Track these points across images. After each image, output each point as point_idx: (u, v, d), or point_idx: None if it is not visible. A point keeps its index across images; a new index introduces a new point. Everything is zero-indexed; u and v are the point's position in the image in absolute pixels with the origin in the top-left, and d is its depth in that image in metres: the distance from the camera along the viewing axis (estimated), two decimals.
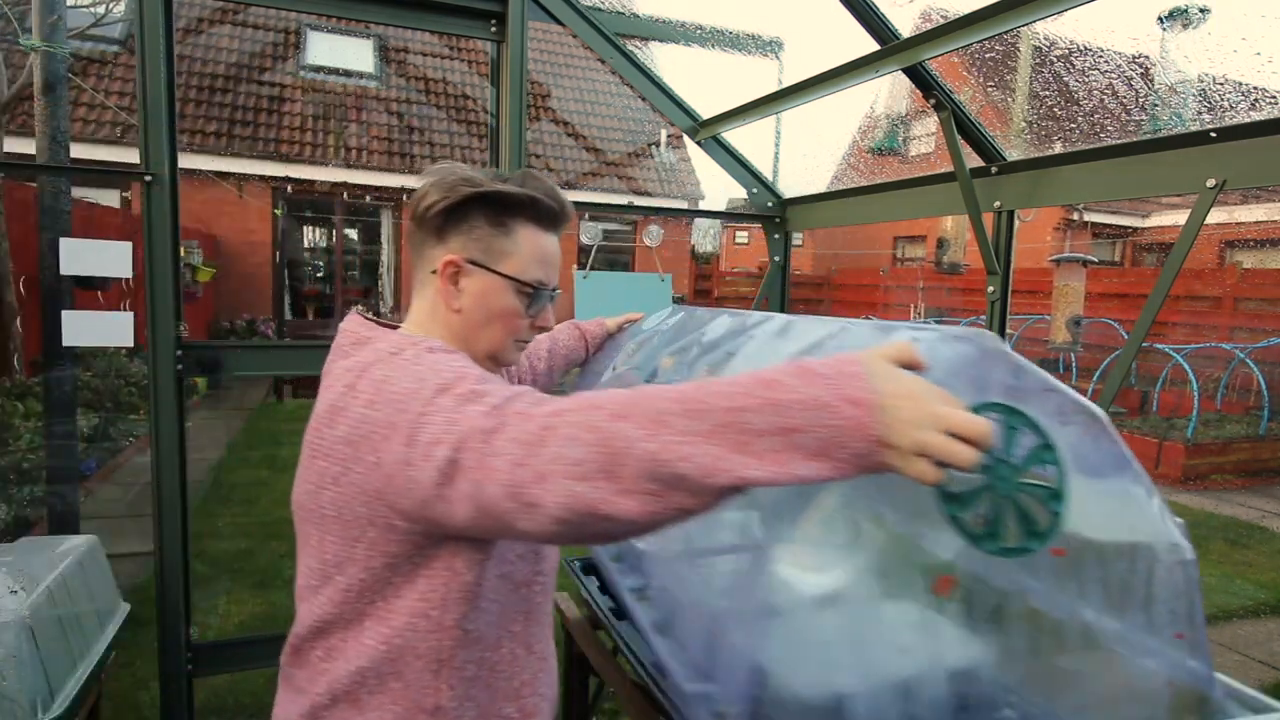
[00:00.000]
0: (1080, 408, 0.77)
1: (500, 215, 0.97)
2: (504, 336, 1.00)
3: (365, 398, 0.84)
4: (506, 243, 0.97)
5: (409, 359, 0.86)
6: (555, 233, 1.03)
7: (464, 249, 0.97)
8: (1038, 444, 0.74)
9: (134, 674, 2.81)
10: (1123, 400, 8.67)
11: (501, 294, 0.98)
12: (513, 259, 0.98)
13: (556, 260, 1.03)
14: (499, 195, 0.96)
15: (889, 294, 13.44)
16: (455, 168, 0.98)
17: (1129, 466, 0.79)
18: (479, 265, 0.97)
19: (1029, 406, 0.75)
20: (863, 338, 1.01)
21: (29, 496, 4.06)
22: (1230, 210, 10.87)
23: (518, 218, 0.98)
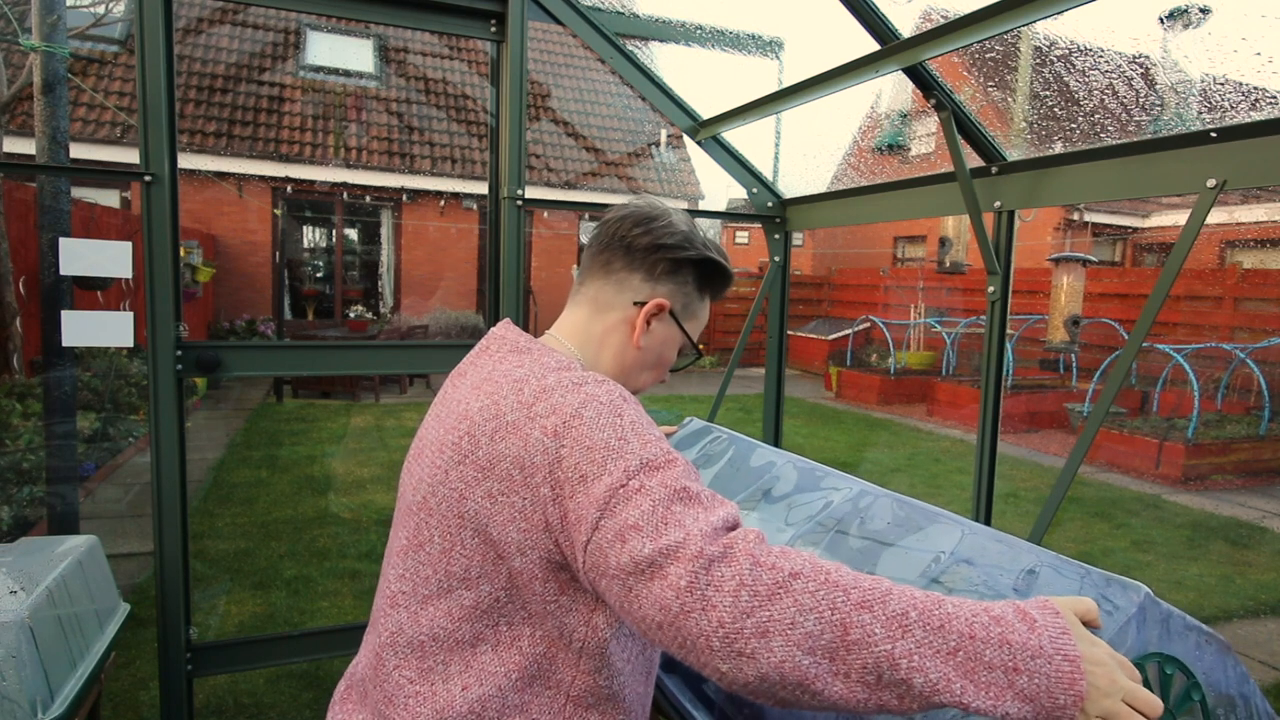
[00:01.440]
0: (1210, 638, 0.94)
1: (707, 282, 1.05)
2: (653, 381, 1.08)
3: (548, 426, 0.79)
4: (699, 307, 1.06)
5: (603, 402, 0.81)
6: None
7: (672, 297, 1.02)
8: (1187, 684, 0.90)
9: (134, 674, 2.81)
10: (1123, 400, 8.68)
11: (674, 346, 1.06)
12: (697, 322, 1.07)
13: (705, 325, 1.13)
14: (722, 270, 1.05)
15: (889, 294, 13.45)
16: (680, 213, 1.04)
17: (1247, 680, 0.98)
18: (676, 318, 1.03)
19: (1176, 648, 0.90)
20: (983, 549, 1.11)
21: (29, 496, 4.07)
22: (1230, 210, 10.87)
23: (714, 289, 1.07)
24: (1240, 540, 5.20)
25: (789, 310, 2.75)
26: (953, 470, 6.77)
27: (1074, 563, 1.01)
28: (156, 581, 1.84)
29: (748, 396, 9.89)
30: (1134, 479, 6.80)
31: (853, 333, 12.52)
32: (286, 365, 2.08)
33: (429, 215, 12.02)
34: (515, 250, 2.06)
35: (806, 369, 13.41)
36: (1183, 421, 7.32)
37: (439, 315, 11.38)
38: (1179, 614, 0.92)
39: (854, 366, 11.71)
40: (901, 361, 11.25)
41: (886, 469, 6.81)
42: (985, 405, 1.89)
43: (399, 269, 12.11)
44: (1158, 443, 6.89)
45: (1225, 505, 6.06)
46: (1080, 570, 0.99)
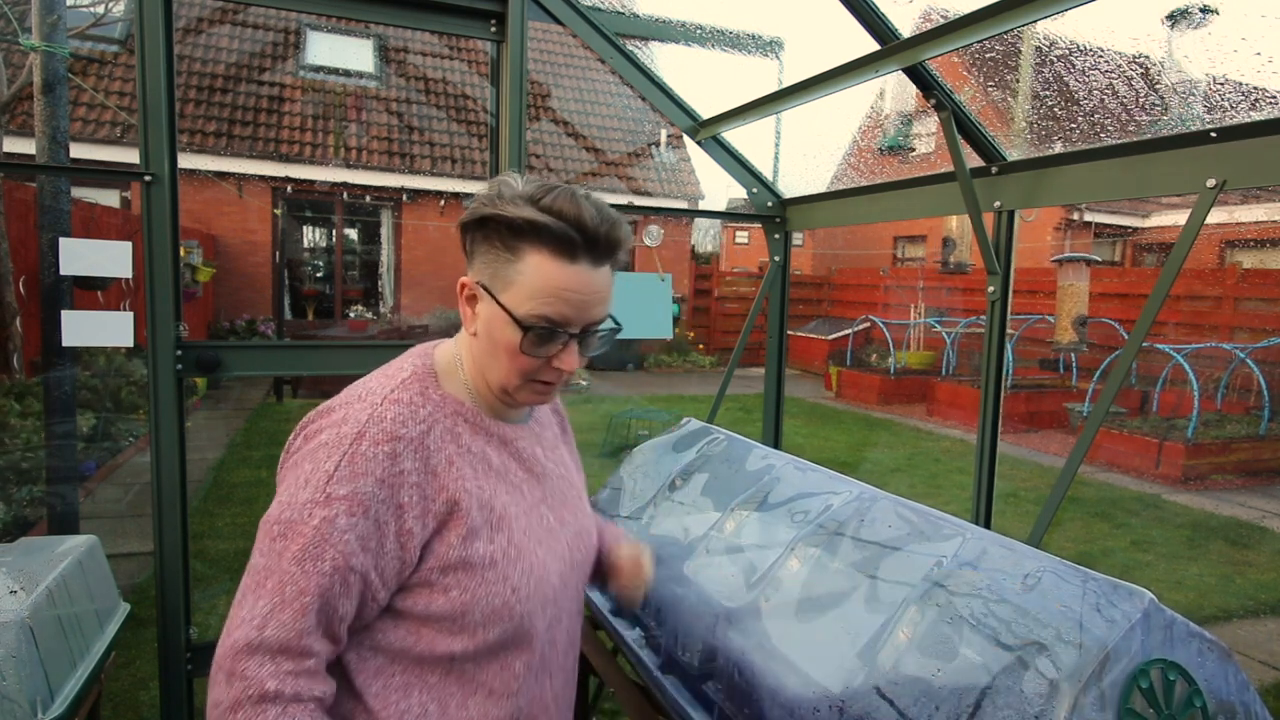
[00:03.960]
0: (1212, 644, 0.96)
1: (509, 238, 0.89)
2: (512, 374, 0.93)
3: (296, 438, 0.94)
4: (512, 270, 0.90)
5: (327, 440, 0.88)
6: (580, 263, 0.90)
7: (480, 271, 0.93)
8: (1189, 691, 0.92)
9: (134, 674, 2.81)
10: (1123, 400, 8.68)
11: (503, 326, 0.91)
12: (514, 289, 0.90)
13: (577, 295, 0.90)
14: (498, 218, 0.89)
15: (889, 294, 13.45)
16: (506, 180, 0.92)
17: (1248, 688, 0.99)
18: (486, 291, 0.92)
19: (1179, 654, 0.92)
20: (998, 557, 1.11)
21: (29, 496, 4.06)
22: (1230, 210, 10.87)
23: (525, 243, 0.89)
24: (1240, 540, 5.20)
25: (789, 310, 2.75)
26: (953, 470, 6.77)
27: (1076, 567, 1.01)
28: (156, 581, 1.84)
29: (748, 396, 9.89)
30: (1134, 479, 6.80)
31: (853, 333, 12.52)
32: (286, 365, 2.08)
33: (429, 215, 12.02)
34: None
35: (806, 369, 13.41)
36: (1183, 421, 7.31)
37: (439, 315, 11.38)
38: (1182, 620, 0.93)
39: (854, 366, 11.71)
40: (901, 361, 11.25)
41: (886, 469, 6.81)
42: (985, 405, 1.89)
43: (399, 269, 12.11)
44: (1158, 443, 6.89)
45: (1225, 505, 6.06)
46: (1082, 575, 0.98)
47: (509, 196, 0.89)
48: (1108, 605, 0.92)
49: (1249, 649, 3.62)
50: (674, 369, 12.67)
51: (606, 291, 0.93)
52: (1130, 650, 0.87)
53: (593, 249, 0.90)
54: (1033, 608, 0.96)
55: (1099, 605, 0.92)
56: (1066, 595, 0.96)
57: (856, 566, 1.20)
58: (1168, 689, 0.90)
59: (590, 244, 0.89)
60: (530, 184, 0.91)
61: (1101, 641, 0.88)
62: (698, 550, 1.48)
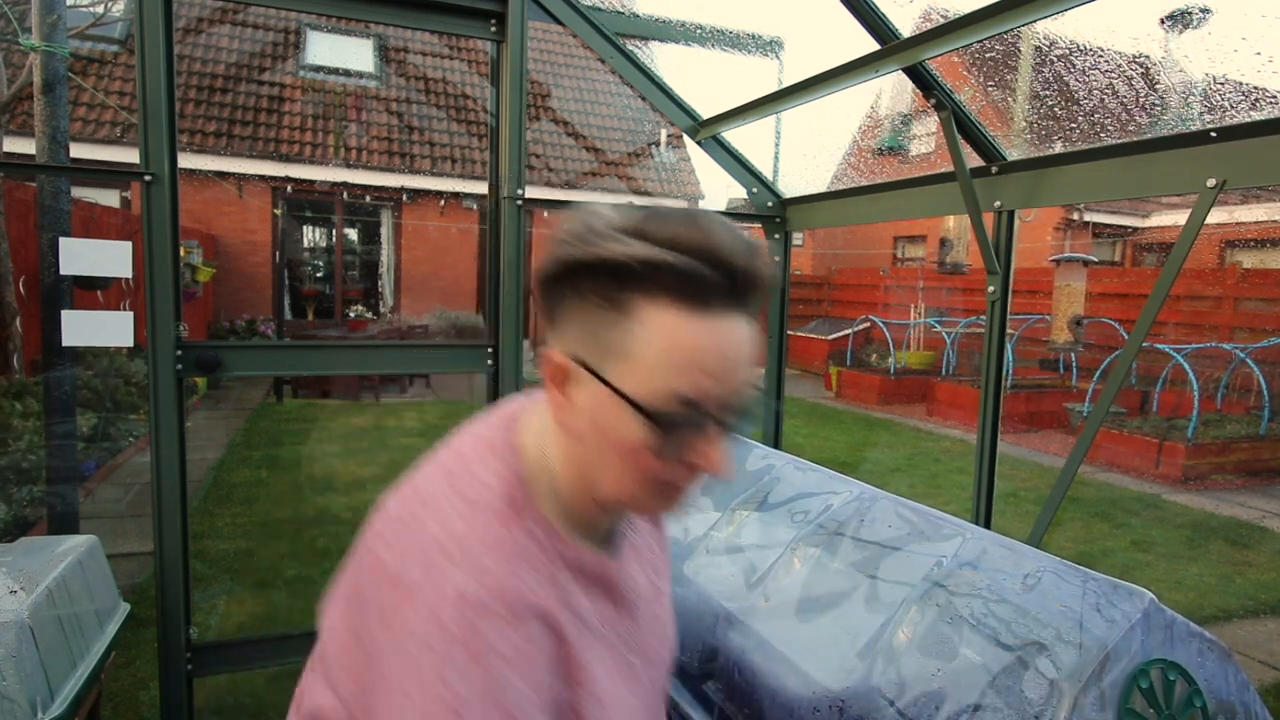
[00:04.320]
0: (1212, 644, 0.96)
1: (613, 289, 0.62)
2: (634, 484, 0.65)
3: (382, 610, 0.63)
4: (623, 335, 0.62)
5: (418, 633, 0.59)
6: (717, 312, 0.62)
7: (574, 341, 0.65)
8: (1189, 691, 0.92)
9: (134, 674, 2.80)
10: (1123, 400, 8.68)
11: (617, 416, 0.63)
12: (630, 364, 0.62)
13: (720, 361, 0.62)
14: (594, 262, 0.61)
15: (889, 294, 13.45)
16: (592, 210, 0.64)
17: (1248, 688, 0.99)
18: (586, 368, 0.64)
19: (1179, 654, 0.92)
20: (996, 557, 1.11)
21: (29, 496, 4.07)
22: (1230, 210, 10.87)
23: (637, 293, 0.61)
24: (1240, 540, 5.20)
25: (789, 310, 2.75)
26: (953, 470, 6.77)
27: (1076, 568, 1.01)
28: (156, 581, 1.84)
29: None
30: (1134, 479, 6.80)
31: (853, 333, 12.52)
32: (286, 365, 2.08)
33: (429, 215, 12.02)
34: (515, 250, 2.06)
35: (806, 369, 13.41)
36: (1183, 421, 7.31)
37: (439, 315, 11.38)
38: (1182, 620, 0.93)
39: (854, 366, 11.71)
40: (901, 361, 11.25)
41: (886, 469, 6.81)
42: (985, 405, 1.89)
43: (399, 269, 12.11)
44: (1158, 443, 6.89)
45: (1225, 505, 6.06)
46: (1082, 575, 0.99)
47: (603, 230, 0.62)
48: (1108, 605, 0.92)
49: (1249, 649, 3.62)
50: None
51: (751, 349, 0.65)
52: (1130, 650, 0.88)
53: (733, 289, 0.62)
54: (1033, 608, 0.96)
55: (1099, 605, 0.92)
56: (1066, 595, 0.96)
57: (856, 566, 1.20)
58: (1168, 689, 0.90)
59: (729, 282, 0.61)
60: (624, 211, 0.64)
61: (1101, 641, 0.88)
62: (697, 550, 1.48)
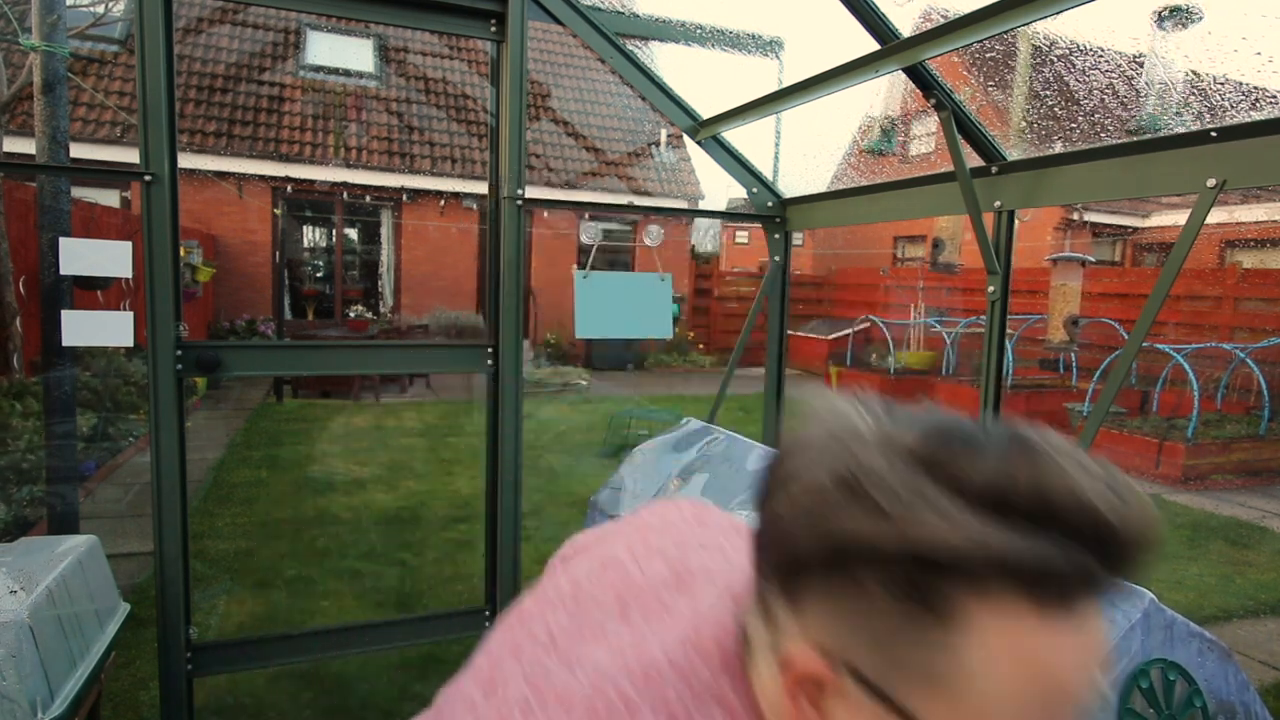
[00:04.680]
0: (1212, 644, 0.96)
1: (925, 580, 0.40)
2: None
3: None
4: (940, 652, 0.40)
5: None
6: (1085, 611, 0.41)
7: (842, 639, 0.43)
8: (1189, 690, 0.92)
9: (134, 674, 2.80)
10: (1123, 400, 8.68)
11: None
12: (958, 697, 0.40)
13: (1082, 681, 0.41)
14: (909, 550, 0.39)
15: (889, 294, 13.45)
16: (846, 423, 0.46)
17: (1248, 688, 1.00)
18: (872, 690, 0.42)
19: (1179, 654, 0.93)
20: None
21: (29, 496, 4.07)
22: (1230, 210, 10.87)
23: (968, 591, 0.40)
24: (1240, 540, 5.20)
25: (789, 310, 2.75)
26: None
27: None
28: (156, 581, 1.84)
29: (748, 396, 9.89)
30: (1134, 479, 6.77)
31: (853, 333, 12.52)
32: (286, 365, 2.08)
33: (429, 215, 12.02)
34: (515, 250, 2.06)
35: (806, 369, 13.41)
36: (1183, 421, 7.31)
37: (439, 315, 11.38)
38: (1182, 620, 0.93)
39: (854, 366, 11.71)
40: (901, 361, 11.25)
41: None
42: (985, 405, 1.89)
43: (399, 269, 12.11)
44: (1158, 443, 6.89)
45: (1225, 505, 6.06)
46: None
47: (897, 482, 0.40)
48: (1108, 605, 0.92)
49: (1249, 649, 3.62)
50: (674, 369, 12.67)
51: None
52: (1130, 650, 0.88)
53: (1110, 567, 0.40)
54: None
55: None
56: None
57: None
58: (1168, 689, 0.90)
59: (1109, 560, 0.40)
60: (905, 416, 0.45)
61: None
62: None
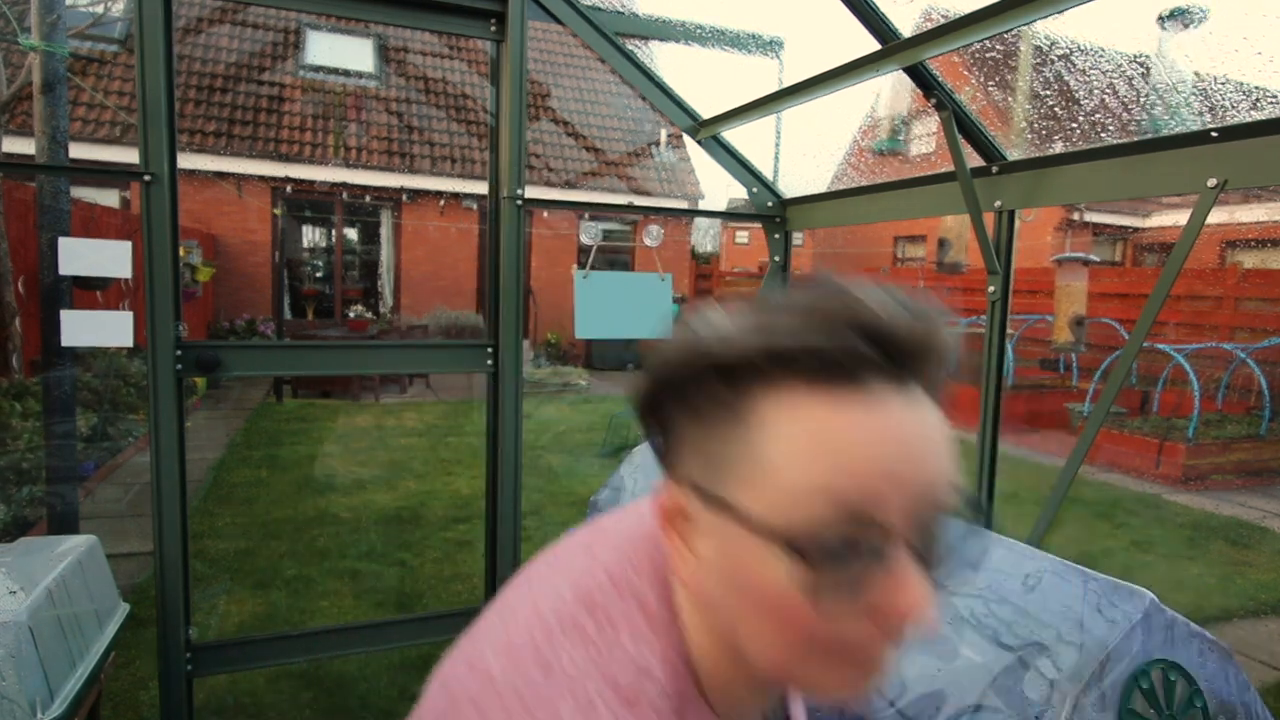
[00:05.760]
0: (1213, 645, 0.96)
1: (729, 396, 0.46)
2: (788, 649, 0.45)
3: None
4: (745, 450, 0.45)
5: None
6: (876, 389, 0.45)
7: (689, 468, 0.49)
8: (1190, 691, 0.92)
9: (134, 674, 2.80)
10: (1124, 400, 8.67)
11: (755, 557, 0.45)
12: (761, 478, 0.45)
13: (888, 449, 0.44)
14: (702, 369, 0.47)
15: None
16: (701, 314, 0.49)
17: (1248, 688, 1.00)
18: (707, 496, 0.47)
19: (1180, 655, 0.92)
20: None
21: (29, 496, 4.07)
22: (1230, 210, 10.87)
23: (755, 387, 0.45)
24: (1240, 540, 5.20)
25: None
26: None
27: (1077, 568, 1.01)
28: (156, 581, 1.84)
29: None
30: (1134, 479, 6.80)
31: None
32: (286, 365, 2.08)
33: (429, 215, 12.02)
34: (515, 250, 2.06)
35: None
36: (1183, 421, 7.31)
37: (439, 315, 11.38)
38: (1183, 621, 0.93)
39: None
40: None
41: None
42: (985, 405, 1.89)
43: (399, 269, 12.11)
44: (1158, 443, 6.89)
45: (1225, 505, 6.06)
46: (1083, 576, 0.99)
47: (717, 331, 0.47)
48: (1108, 605, 0.92)
49: (1250, 649, 3.61)
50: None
51: (944, 439, 0.47)
52: (1131, 651, 0.88)
53: (895, 361, 0.45)
54: (1033, 608, 0.96)
55: (1100, 605, 0.92)
56: (1067, 595, 0.96)
57: None
58: (1169, 689, 0.90)
59: (886, 349, 0.45)
60: (740, 302, 0.49)
61: (1102, 642, 0.88)
62: None
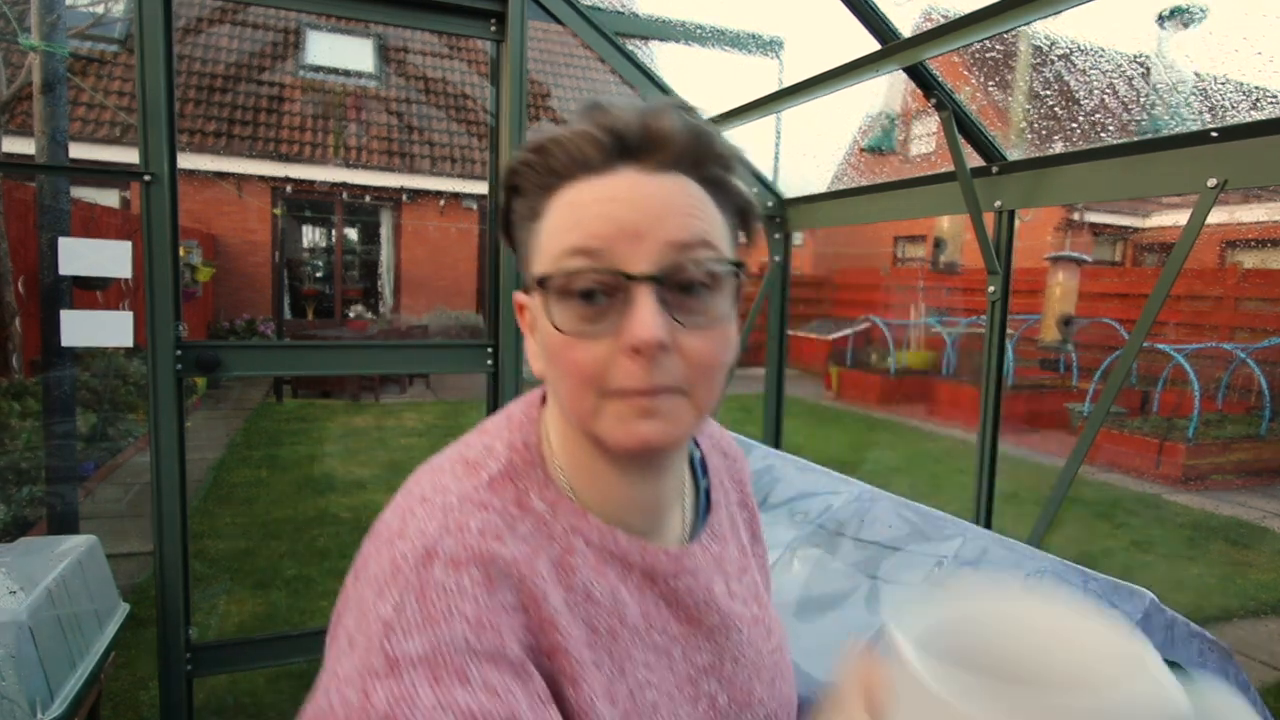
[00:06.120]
0: (1213, 645, 0.96)
1: (531, 197, 0.59)
2: (577, 391, 0.55)
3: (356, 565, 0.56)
4: (536, 234, 0.58)
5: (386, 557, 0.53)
6: (616, 169, 0.55)
7: (523, 272, 0.62)
8: None
9: (134, 674, 2.80)
10: (1124, 400, 8.67)
11: (540, 317, 0.56)
12: (540, 249, 0.57)
13: (616, 205, 0.54)
14: (506, 183, 0.60)
15: (889, 294, 13.44)
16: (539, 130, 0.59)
17: (1248, 688, 1.00)
18: (525, 287, 0.60)
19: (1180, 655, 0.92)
20: None
21: (29, 496, 4.07)
22: (1230, 210, 10.87)
23: (538, 191, 0.58)
24: (1240, 540, 5.20)
25: (789, 310, 2.75)
26: (953, 470, 6.77)
27: (1076, 567, 1.01)
28: (156, 581, 1.84)
29: (748, 396, 9.89)
30: (1134, 479, 6.80)
31: (853, 333, 12.52)
32: (286, 365, 2.08)
33: (429, 215, 12.02)
34: None
35: (806, 369, 13.41)
36: (1183, 421, 7.31)
37: (439, 315, 11.38)
38: (1183, 621, 0.93)
39: (854, 366, 11.71)
40: (901, 361, 11.25)
41: (887, 469, 6.81)
42: (985, 405, 1.89)
43: (399, 269, 12.11)
44: (1158, 443, 6.89)
45: (1225, 505, 6.06)
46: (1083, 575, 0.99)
47: (514, 159, 0.60)
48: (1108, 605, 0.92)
49: (1250, 649, 3.61)
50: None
51: (686, 204, 0.55)
52: None
53: (625, 147, 0.55)
54: None
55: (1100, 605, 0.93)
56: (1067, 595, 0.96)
57: (857, 566, 1.20)
58: None
59: (617, 141, 0.55)
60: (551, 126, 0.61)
61: None
62: None
